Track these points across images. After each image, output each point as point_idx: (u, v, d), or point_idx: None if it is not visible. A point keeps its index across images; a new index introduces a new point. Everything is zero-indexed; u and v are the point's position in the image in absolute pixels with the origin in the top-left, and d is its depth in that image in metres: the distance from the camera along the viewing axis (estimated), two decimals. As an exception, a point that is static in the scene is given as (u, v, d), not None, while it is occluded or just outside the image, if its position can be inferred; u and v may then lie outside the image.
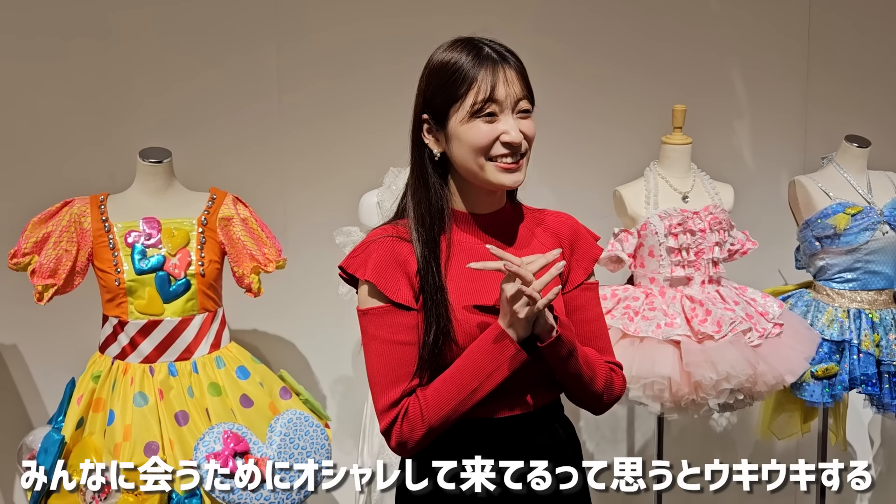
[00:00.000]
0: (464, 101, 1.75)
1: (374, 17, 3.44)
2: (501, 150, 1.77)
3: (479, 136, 1.75)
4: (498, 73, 1.75)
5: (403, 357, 1.78)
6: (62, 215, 2.75)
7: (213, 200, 2.86)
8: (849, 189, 3.26)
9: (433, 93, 1.80)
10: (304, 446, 2.71)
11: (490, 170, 1.77)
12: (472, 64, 1.75)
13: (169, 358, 2.76)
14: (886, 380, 3.20)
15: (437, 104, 1.79)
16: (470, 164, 1.78)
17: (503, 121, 1.76)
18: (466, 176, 1.82)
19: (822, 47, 3.86)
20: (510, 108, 1.77)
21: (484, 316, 1.80)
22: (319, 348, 3.55)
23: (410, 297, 1.79)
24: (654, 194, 3.10)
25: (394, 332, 1.79)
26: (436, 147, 1.82)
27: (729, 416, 3.81)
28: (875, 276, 3.22)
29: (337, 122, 3.46)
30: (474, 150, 1.76)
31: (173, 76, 3.31)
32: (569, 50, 3.61)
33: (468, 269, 1.79)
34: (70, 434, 2.67)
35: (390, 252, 1.80)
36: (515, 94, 1.77)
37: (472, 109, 1.75)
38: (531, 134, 1.81)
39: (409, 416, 1.76)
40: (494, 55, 1.77)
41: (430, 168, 1.84)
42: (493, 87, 1.74)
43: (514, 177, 1.79)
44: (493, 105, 1.75)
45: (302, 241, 3.42)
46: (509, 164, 1.78)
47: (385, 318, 1.79)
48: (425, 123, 1.83)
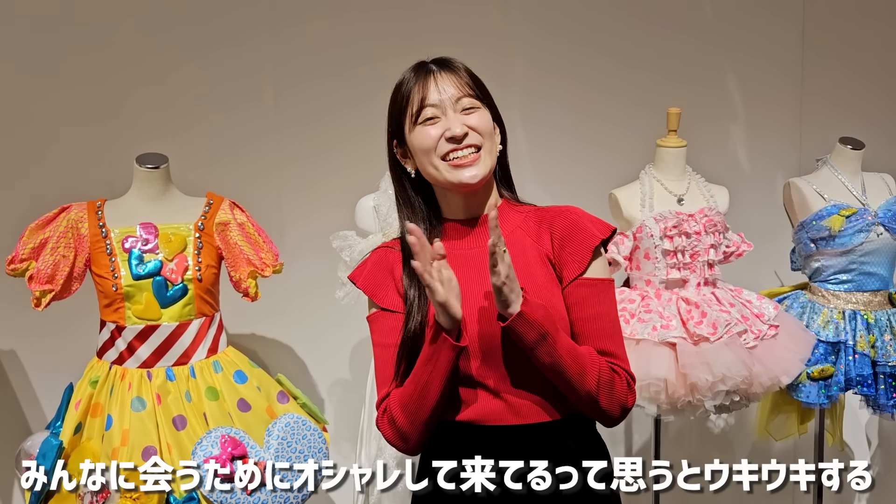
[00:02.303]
0: (408, 113, 1.84)
1: (369, 19, 3.44)
2: (448, 147, 1.81)
3: (425, 139, 1.82)
4: (429, 80, 1.83)
5: (390, 359, 1.86)
6: (59, 221, 2.75)
7: (210, 205, 2.86)
8: (843, 191, 3.27)
9: (390, 116, 1.90)
10: (302, 450, 2.72)
11: (444, 169, 1.82)
12: (410, 78, 1.86)
13: (166, 363, 2.76)
14: (882, 381, 3.21)
15: (393, 125, 1.89)
16: (429, 169, 1.84)
17: (444, 119, 1.82)
18: (433, 182, 1.88)
19: (817, 50, 3.87)
20: (450, 107, 1.82)
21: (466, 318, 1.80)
22: (317, 352, 3.56)
23: (398, 302, 1.87)
24: (649, 197, 3.11)
25: (383, 336, 1.89)
26: (409, 165, 1.90)
27: (726, 418, 3.80)
28: (870, 277, 3.23)
29: (333, 127, 3.46)
30: (425, 153, 1.83)
31: (169, 82, 3.32)
32: (564, 53, 3.61)
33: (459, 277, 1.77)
34: (68, 439, 2.67)
35: (380, 260, 1.92)
36: (452, 93, 1.83)
37: (414, 118, 1.83)
38: (480, 125, 1.83)
39: (386, 414, 1.84)
40: (433, 66, 1.86)
41: (409, 187, 1.91)
42: (425, 93, 1.82)
43: (469, 171, 1.82)
44: (430, 109, 1.83)
45: (299, 246, 3.42)
46: (462, 160, 1.81)
47: (377, 323, 1.91)
48: (397, 148, 1.91)
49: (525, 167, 3.41)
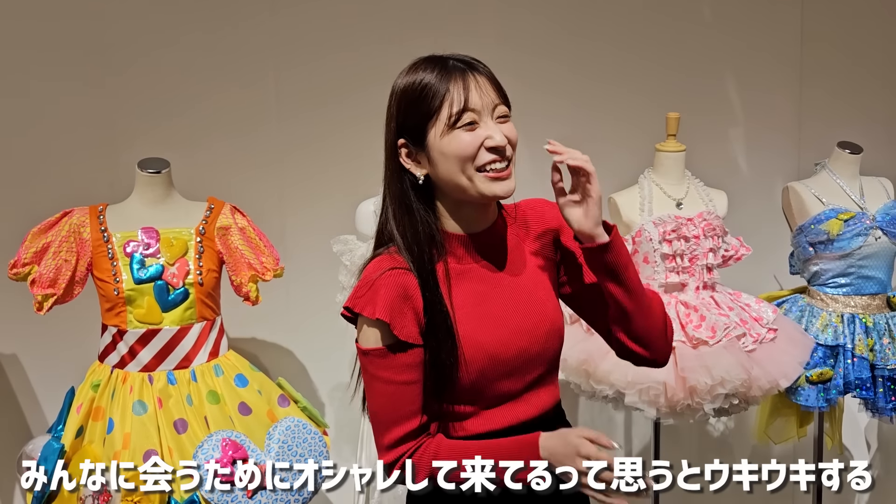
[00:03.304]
0: (439, 115, 1.70)
1: (372, 27, 3.45)
2: (488, 157, 1.70)
3: (463, 146, 1.69)
4: (469, 81, 1.70)
5: (407, 396, 1.74)
6: (62, 225, 2.76)
7: (211, 210, 2.87)
8: (842, 195, 3.27)
9: (405, 115, 1.74)
10: (303, 453, 2.72)
11: (480, 181, 1.71)
12: (441, 78, 1.70)
13: (168, 366, 2.77)
14: (881, 384, 3.22)
15: (411, 125, 1.73)
16: (458, 177, 1.71)
17: (484, 127, 1.71)
18: (455, 193, 1.75)
19: (815, 54, 3.88)
20: (489, 113, 1.71)
21: (494, 338, 1.76)
22: (317, 356, 3.56)
23: (416, 334, 1.72)
24: (648, 201, 3.11)
25: (397, 373, 1.73)
26: (418, 170, 1.76)
27: (726, 421, 3.82)
28: (868, 280, 3.24)
29: (334, 131, 3.47)
30: (460, 160, 1.70)
31: (172, 87, 3.33)
32: (563, 57, 3.62)
33: (473, 293, 1.77)
34: (70, 442, 2.67)
35: (396, 286, 1.72)
36: (492, 99, 1.72)
37: (450, 121, 1.70)
38: (513, 137, 1.74)
39: (423, 455, 1.74)
40: (461, 65, 1.72)
41: (413, 194, 1.76)
42: (467, 95, 1.69)
43: (506, 185, 1.73)
44: (470, 114, 1.70)
45: (299, 250, 3.43)
46: (499, 172, 1.71)
47: (388, 360, 1.73)
48: (403, 148, 1.75)
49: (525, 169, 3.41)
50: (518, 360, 1.78)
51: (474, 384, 1.76)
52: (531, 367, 1.81)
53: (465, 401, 1.78)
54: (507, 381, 1.79)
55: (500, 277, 1.82)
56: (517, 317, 1.79)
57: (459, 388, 1.75)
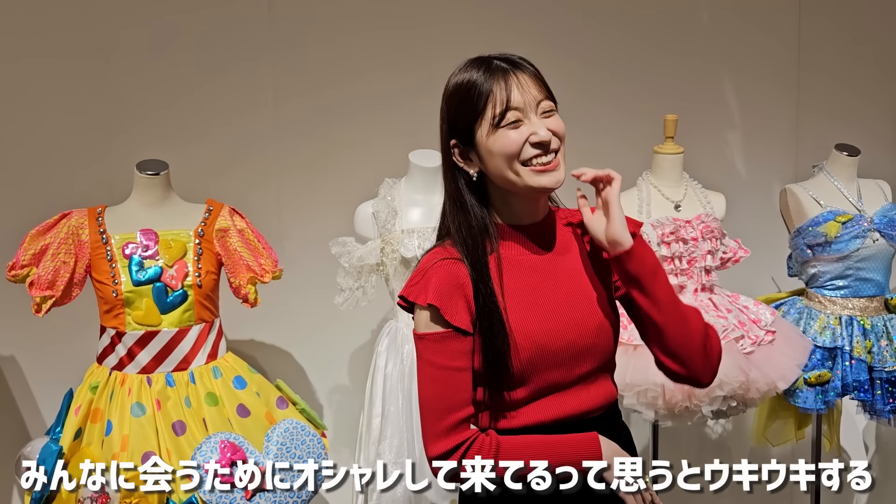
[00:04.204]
0: (484, 115, 1.77)
1: (368, 28, 3.46)
2: (533, 152, 1.77)
3: (509, 143, 1.76)
4: (510, 80, 1.76)
5: (459, 383, 1.78)
6: (60, 227, 2.76)
7: (210, 212, 2.87)
8: (839, 197, 3.28)
9: (454, 116, 1.82)
10: (301, 455, 2.72)
11: (527, 174, 1.77)
12: (485, 78, 1.77)
13: (166, 368, 2.76)
14: (879, 386, 3.22)
15: (461, 125, 1.81)
16: (507, 173, 1.78)
17: (528, 123, 1.77)
18: (507, 187, 1.82)
19: (813, 56, 3.89)
20: (532, 110, 1.77)
21: (543, 327, 1.80)
22: (316, 358, 3.56)
23: (468, 322, 1.78)
24: (646, 203, 3.12)
25: (450, 359, 1.77)
26: (470, 168, 1.83)
27: (724, 423, 3.82)
28: (866, 283, 3.24)
29: (332, 133, 3.47)
30: (507, 157, 1.76)
31: (170, 89, 3.33)
32: (560, 60, 3.62)
33: (524, 284, 1.82)
34: (68, 445, 2.67)
35: (448, 275, 1.79)
36: (534, 96, 1.77)
37: (495, 121, 1.76)
38: (560, 130, 1.80)
39: (482, 446, 1.77)
40: (505, 65, 1.78)
41: (467, 190, 1.84)
42: (509, 94, 1.76)
43: (554, 176, 1.79)
44: (514, 112, 1.76)
45: (298, 252, 3.43)
46: (545, 165, 1.78)
47: (442, 345, 1.78)
48: (455, 148, 1.83)
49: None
50: (566, 352, 1.82)
51: (524, 372, 1.79)
52: (580, 361, 1.84)
53: (516, 388, 1.81)
54: (555, 372, 1.81)
55: (552, 269, 1.87)
56: (566, 309, 1.84)
57: (511, 375, 1.79)
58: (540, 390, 1.82)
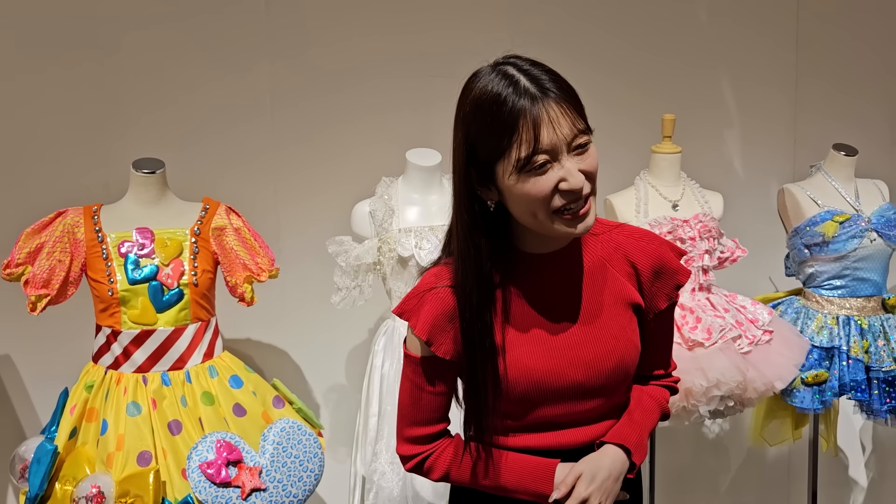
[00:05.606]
0: (508, 156, 1.55)
1: (365, 32, 3.45)
2: (562, 201, 1.57)
3: (535, 191, 1.55)
4: (540, 115, 1.53)
5: (433, 404, 1.78)
6: (56, 226, 2.75)
7: (206, 210, 2.86)
8: (837, 197, 3.28)
9: (474, 141, 1.59)
10: (297, 455, 2.71)
11: (556, 222, 1.59)
12: (510, 108, 1.53)
13: (162, 367, 2.76)
14: (876, 386, 3.22)
15: (481, 158, 1.59)
16: (529, 220, 1.61)
17: (558, 166, 1.55)
18: (532, 228, 1.63)
19: (811, 57, 3.89)
20: (563, 150, 1.55)
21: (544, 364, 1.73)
22: (312, 357, 3.55)
23: (452, 351, 1.72)
24: (644, 203, 3.12)
25: (428, 383, 1.76)
26: (490, 198, 1.64)
27: (721, 423, 3.82)
28: (863, 283, 3.24)
29: (329, 131, 3.46)
30: (530, 205, 1.57)
31: (167, 87, 3.32)
32: (558, 60, 3.61)
33: (534, 317, 1.73)
34: (63, 444, 2.66)
35: (442, 304, 1.69)
36: (564, 135, 1.54)
37: (519, 164, 1.54)
38: (592, 170, 1.58)
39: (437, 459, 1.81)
40: (533, 89, 1.55)
41: (480, 216, 1.65)
42: (538, 134, 1.52)
43: (585, 223, 1.60)
44: (542, 155, 1.54)
45: (295, 251, 3.43)
46: (576, 213, 1.58)
47: (422, 367, 1.75)
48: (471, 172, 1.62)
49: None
50: (570, 391, 1.74)
51: (516, 406, 1.75)
52: (585, 400, 1.77)
53: (507, 418, 1.77)
54: (552, 408, 1.76)
55: (568, 303, 1.75)
56: (579, 347, 1.73)
57: (499, 407, 1.74)
58: (533, 425, 1.77)
